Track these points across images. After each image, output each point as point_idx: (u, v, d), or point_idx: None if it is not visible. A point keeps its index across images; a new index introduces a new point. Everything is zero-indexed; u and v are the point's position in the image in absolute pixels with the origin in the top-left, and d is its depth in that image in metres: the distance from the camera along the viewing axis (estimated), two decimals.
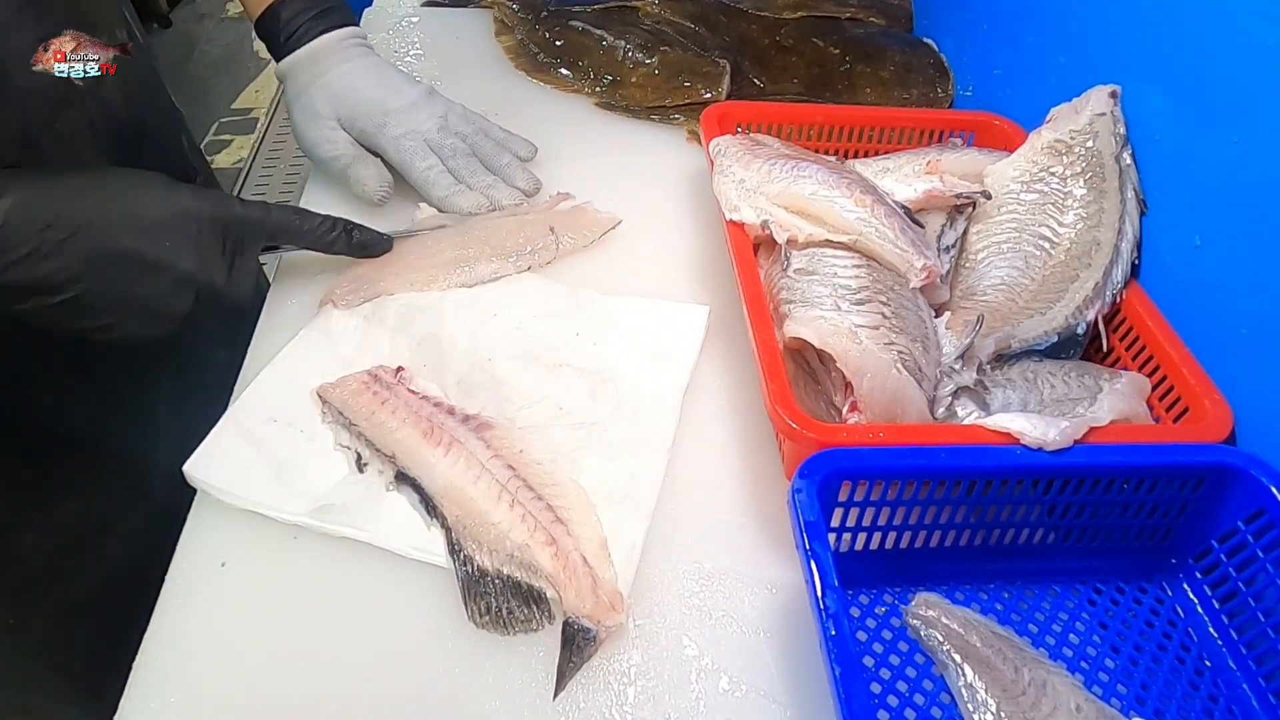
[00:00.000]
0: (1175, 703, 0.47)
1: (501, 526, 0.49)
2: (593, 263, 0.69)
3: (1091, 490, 0.50)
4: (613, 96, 0.87)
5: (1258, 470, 0.48)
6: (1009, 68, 0.80)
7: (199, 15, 2.87)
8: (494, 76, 0.89)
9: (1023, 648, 0.47)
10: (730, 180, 0.65)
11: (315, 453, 0.53)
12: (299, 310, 0.63)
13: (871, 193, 0.61)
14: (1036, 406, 0.55)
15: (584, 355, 0.60)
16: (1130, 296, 0.60)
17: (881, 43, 0.91)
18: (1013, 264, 0.62)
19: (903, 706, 0.46)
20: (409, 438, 0.52)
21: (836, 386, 0.54)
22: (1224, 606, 0.50)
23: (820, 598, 0.41)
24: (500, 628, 0.46)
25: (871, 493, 0.49)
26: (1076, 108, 0.65)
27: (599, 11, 0.95)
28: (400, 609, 0.48)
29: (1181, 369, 0.55)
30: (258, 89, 2.53)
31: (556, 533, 0.49)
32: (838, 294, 0.56)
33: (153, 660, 0.45)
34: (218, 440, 0.53)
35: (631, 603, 0.48)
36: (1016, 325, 0.58)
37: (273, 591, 0.48)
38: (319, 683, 0.45)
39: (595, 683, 0.46)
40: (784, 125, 0.74)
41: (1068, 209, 0.62)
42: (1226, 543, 0.50)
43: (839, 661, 0.39)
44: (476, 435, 0.53)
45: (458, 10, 0.99)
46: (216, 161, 2.26)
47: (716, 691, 0.46)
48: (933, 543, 0.52)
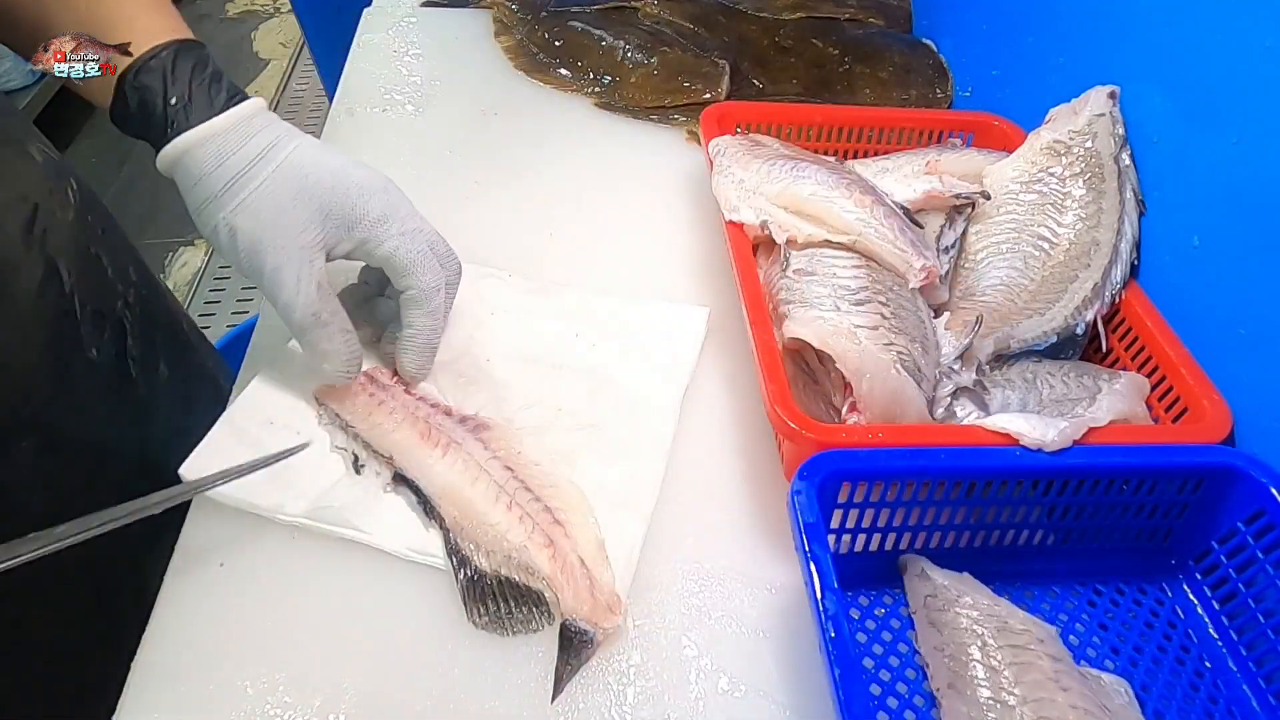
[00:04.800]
0: (1175, 704, 0.47)
1: (499, 528, 0.49)
2: (592, 263, 0.69)
3: (1091, 491, 0.50)
4: (612, 96, 0.87)
5: (1257, 471, 0.48)
6: (1008, 68, 0.80)
7: (199, 15, 2.87)
8: (493, 76, 0.89)
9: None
10: (730, 180, 0.65)
11: (312, 454, 0.53)
12: None
13: (871, 193, 0.61)
14: (1036, 407, 0.55)
15: (583, 356, 0.60)
16: (1129, 297, 0.60)
17: (880, 43, 0.91)
18: (1012, 264, 0.62)
19: (902, 708, 0.46)
20: (406, 439, 0.52)
21: (836, 387, 0.54)
22: (1224, 608, 0.50)
23: (820, 599, 0.41)
24: (500, 628, 0.46)
25: (871, 494, 0.48)
26: (1075, 108, 0.65)
27: (599, 12, 0.95)
28: (400, 609, 0.48)
29: (1180, 369, 0.55)
30: (257, 89, 2.53)
31: (554, 534, 0.49)
32: (837, 294, 0.56)
33: (152, 660, 0.45)
34: (215, 442, 0.53)
35: (630, 603, 0.48)
36: (1015, 325, 0.58)
37: (272, 591, 0.48)
38: (319, 683, 0.45)
39: (595, 683, 0.46)
40: (783, 125, 0.74)
41: (1067, 209, 0.62)
42: (1226, 544, 0.50)
43: (839, 663, 0.39)
44: (474, 436, 0.53)
45: (457, 10, 0.99)
46: None
47: (716, 692, 0.46)
48: (932, 544, 0.52)
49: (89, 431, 0.59)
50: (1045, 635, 0.46)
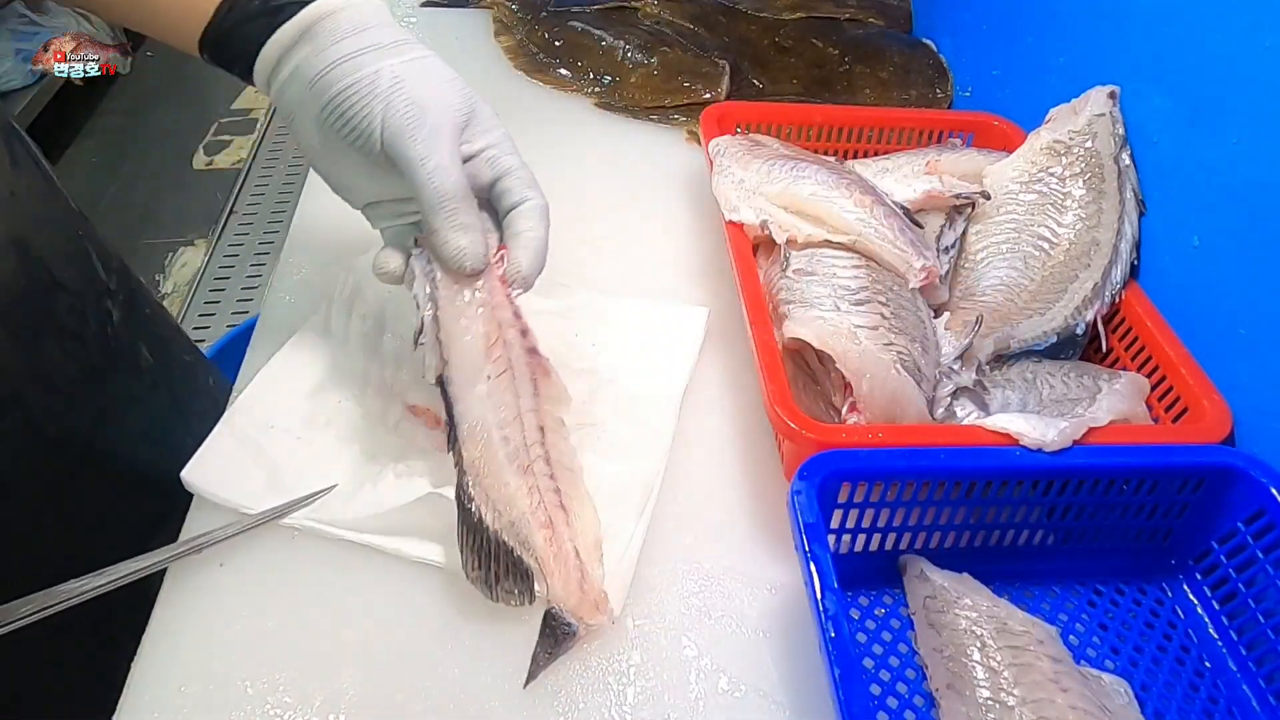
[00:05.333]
0: (1175, 704, 0.47)
1: (510, 489, 0.47)
2: (592, 263, 0.69)
3: (1091, 491, 0.50)
4: (612, 96, 0.87)
5: (1257, 471, 0.48)
6: (1008, 68, 0.80)
7: None
8: (494, 76, 0.89)
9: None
10: (730, 180, 0.65)
11: (312, 458, 0.53)
12: (295, 313, 0.63)
13: (871, 193, 0.61)
14: (1036, 407, 0.55)
15: (583, 356, 0.60)
16: (1129, 297, 0.60)
17: (880, 43, 0.91)
18: (1012, 264, 0.62)
19: (902, 708, 0.46)
20: (472, 343, 0.48)
21: (836, 387, 0.54)
22: (1224, 607, 0.50)
23: (820, 599, 0.41)
24: (486, 590, 0.45)
25: (871, 494, 0.48)
26: (1075, 108, 0.65)
27: (598, 12, 0.95)
28: (400, 609, 0.48)
29: (1180, 369, 0.55)
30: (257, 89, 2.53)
31: (556, 518, 0.47)
32: (837, 294, 0.56)
33: (152, 660, 0.45)
34: (215, 446, 0.53)
35: (630, 603, 0.48)
36: (1015, 326, 0.58)
37: (272, 591, 0.48)
38: (318, 683, 0.45)
39: (595, 683, 0.46)
40: (783, 125, 0.74)
41: (1067, 209, 0.62)
42: (1226, 544, 0.50)
43: (839, 663, 0.39)
44: (530, 374, 0.49)
45: (457, 10, 0.99)
46: (216, 162, 2.26)
47: (716, 692, 0.46)
48: (932, 544, 0.52)
49: (69, 418, 0.58)
50: (1045, 636, 0.46)
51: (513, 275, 0.50)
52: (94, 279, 0.62)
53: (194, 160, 2.27)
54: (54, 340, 0.57)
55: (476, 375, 0.48)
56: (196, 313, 1.84)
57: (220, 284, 1.92)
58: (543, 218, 0.51)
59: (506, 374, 0.49)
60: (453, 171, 0.47)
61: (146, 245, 2.00)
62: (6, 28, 2.03)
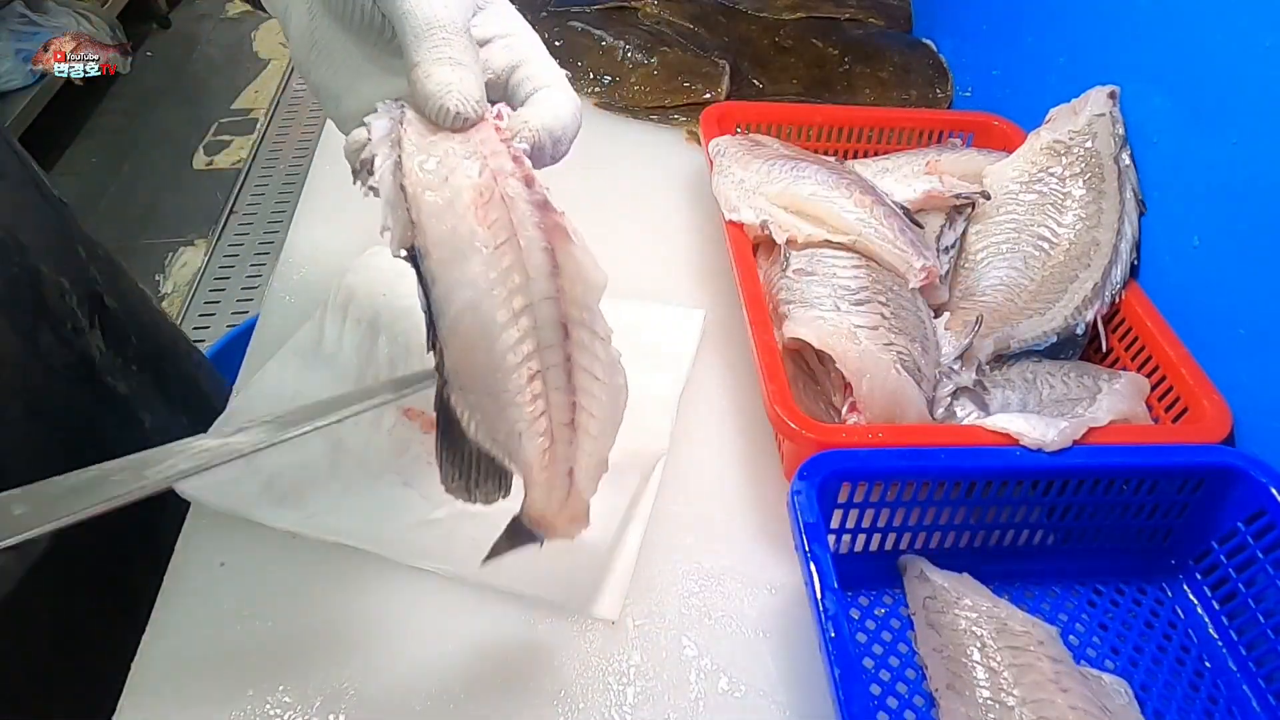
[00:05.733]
0: (1175, 704, 0.47)
1: (505, 399, 0.35)
2: None
3: (1091, 491, 0.50)
4: (612, 96, 0.87)
5: (1257, 471, 0.48)
6: (1008, 68, 0.80)
7: (198, 15, 2.87)
8: None
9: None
10: (730, 180, 0.65)
11: (305, 463, 0.53)
12: (295, 313, 0.63)
13: (871, 193, 0.61)
14: (1036, 407, 0.55)
15: None
16: (1129, 297, 0.60)
17: (880, 43, 0.91)
18: (1012, 264, 0.62)
19: (902, 708, 0.46)
20: (455, 197, 0.34)
21: (836, 387, 0.54)
22: (1224, 607, 0.50)
23: (820, 599, 0.41)
24: (465, 495, 0.38)
25: (871, 494, 0.49)
26: (1075, 108, 0.65)
27: (599, 12, 0.95)
28: (399, 608, 0.48)
29: (1180, 369, 0.55)
30: (257, 89, 2.53)
31: (559, 435, 0.37)
32: (837, 294, 0.56)
33: (152, 660, 0.45)
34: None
35: (630, 603, 0.48)
36: (1015, 326, 0.58)
37: (272, 591, 0.48)
38: (319, 683, 0.45)
39: (595, 683, 0.46)
40: (783, 125, 0.74)
41: (1067, 209, 0.62)
42: (1226, 544, 0.50)
43: (839, 663, 0.39)
44: (545, 241, 0.35)
45: None
46: (216, 162, 2.26)
47: (716, 692, 0.46)
48: (932, 544, 0.52)
49: (69, 415, 0.58)
50: (1045, 636, 0.46)
51: (518, 127, 0.38)
52: (82, 270, 0.62)
53: (194, 160, 2.27)
54: (50, 331, 0.57)
55: (464, 244, 0.34)
56: (196, 313, 1.84)
57: (220, 284, 1.92)
58: (572, 98, 0.42)
59: (509, 244, 0.34)
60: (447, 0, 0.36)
61: (146, 245, 2.00)
62: (6, 28, 2.03)
